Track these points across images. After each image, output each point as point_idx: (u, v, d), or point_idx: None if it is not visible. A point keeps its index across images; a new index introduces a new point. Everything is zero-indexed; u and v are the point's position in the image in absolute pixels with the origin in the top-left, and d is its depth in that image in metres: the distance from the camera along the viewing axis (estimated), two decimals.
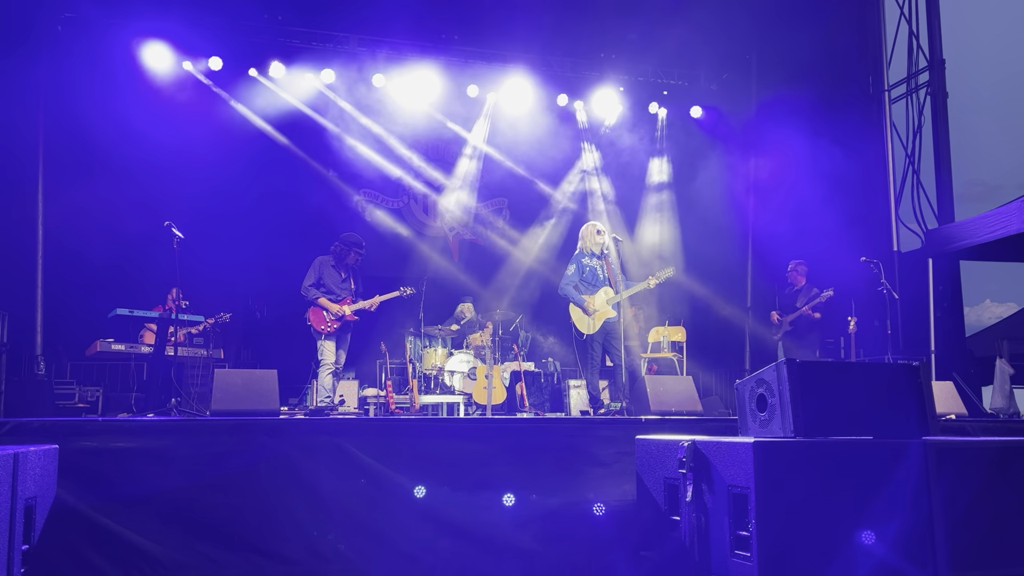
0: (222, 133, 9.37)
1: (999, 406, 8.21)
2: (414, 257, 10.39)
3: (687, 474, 3.49)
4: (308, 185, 9.90)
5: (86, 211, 8.66)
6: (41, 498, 3.51)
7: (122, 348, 7.38)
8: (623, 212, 10.91)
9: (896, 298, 8.17)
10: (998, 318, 20.35)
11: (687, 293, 10.15)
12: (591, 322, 6.93)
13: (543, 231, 10.86)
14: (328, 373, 7.21)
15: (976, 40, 34.78)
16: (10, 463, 3.08)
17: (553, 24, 9.49)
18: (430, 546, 4.30)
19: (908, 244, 9.68)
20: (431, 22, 9.65)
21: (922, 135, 9.55)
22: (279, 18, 9.41)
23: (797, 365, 3.45)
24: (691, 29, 9.49)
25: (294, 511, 4.27)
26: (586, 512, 4.40)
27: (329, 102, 9.86)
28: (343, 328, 7.36)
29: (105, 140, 8.59)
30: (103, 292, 8.43)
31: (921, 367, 3.62)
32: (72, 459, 4.01)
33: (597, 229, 7.11)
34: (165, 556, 4.04)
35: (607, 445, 4.75)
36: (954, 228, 8.71)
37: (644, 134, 10.88)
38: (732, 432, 4.63)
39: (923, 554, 3.31)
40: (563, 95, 10.42)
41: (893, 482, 3.32)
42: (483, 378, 8.37)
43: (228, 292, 9.31)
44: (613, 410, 6.89)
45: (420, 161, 10.84)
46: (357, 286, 7.46)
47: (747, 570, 3.16)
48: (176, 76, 9.07)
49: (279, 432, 4.45)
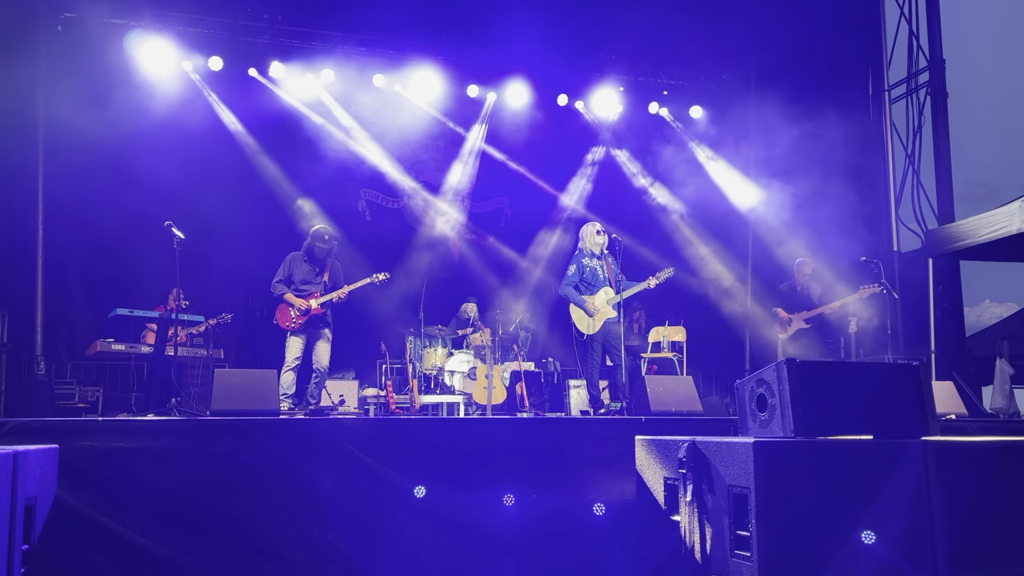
0: (222, 133, 9.38)
1: (999, 406, 8.21)
2: (414, 257, 10.38)
3: (687, 474, 3.49)
4: (308, 185, 9.90)
5: (86, 211, 8.65)
6: (41, 498, 3.51)
7: (122, 348, 7.38)
8: (623, 212, 10.90)
9: (896, 298, 8.15)
10: (998, 318, 20.36)
11: (687, 293, 10.14)
12: (591, 322, 6.95)
13: (543, 231, 10.85)
14: (289, 370, 6.93)
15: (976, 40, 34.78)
16: (10, 463, 3.08)
17: (553, 24, 9.48)
18: (430, 546, 4.30)
19: (908, 244, 9.69)
20: (431, 22, 9.64)
21: (922, 135, 9.56)
22: (279, 18, 9.41)
23: (797, 365, 3.45)
24: (691, 29, 9.50)
25: (294, 511, 4.27)
26: (586, 512, 4.40)
27: (329, 102, 9.85)
28: (313, 324, 7.07)
29: (105, 140, 8.59)
30: (103, 292, 8.44)
31: (921, 367, 3.62)
32: (72, 459, 4.01)
33: (597, 230, 7.12)
34: (165, 556, 4.04)
35: (607, 445, 4.75)
36: (954, 228, 8.70)
37: (644, 134, 10.88)
38: (732, 432, 4.64)
39: (923, 554, 3.31)
40: (563, 95, 10.43)
41: (893, 482, 3.32)
42: (483, 378, 8.37)
43: (228, 292, 9.32)
44: (613, 410, 6.89)
45: (420, 161, 10.85)
46: (330, 280, 7.21)
47: (747, 570, 3.16)
48: (176, 76, 9.06)
49: (279, 432, 4.45)
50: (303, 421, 4.80)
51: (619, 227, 7.53)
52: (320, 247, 7.16)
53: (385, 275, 7.59)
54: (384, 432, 4.60)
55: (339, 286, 7.23)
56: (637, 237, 9.93)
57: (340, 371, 8.84)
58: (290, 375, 6.96)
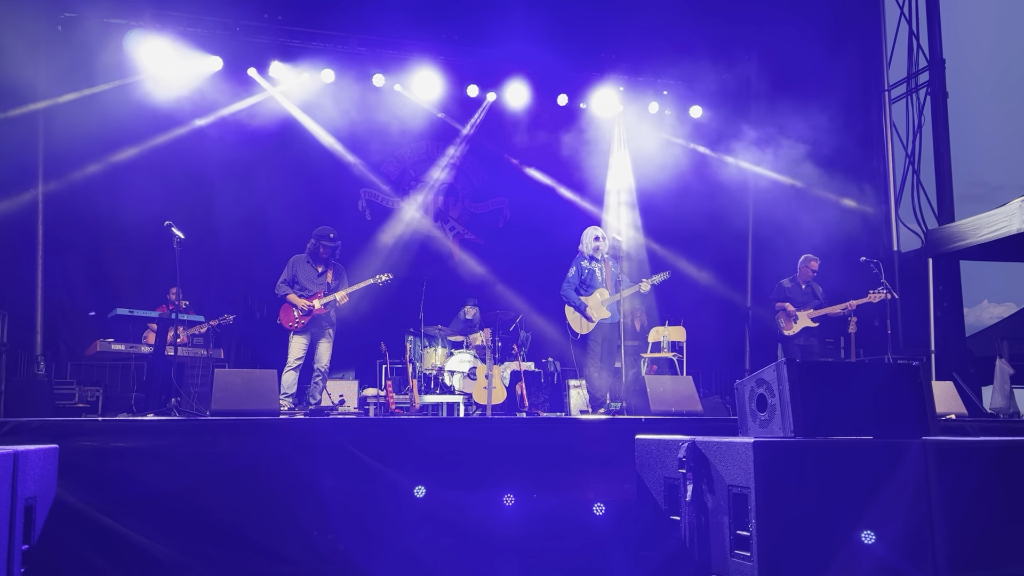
0: (222, 133, 9.37)
1: (999, 406, 8.20)
2: (414, 257, 10.38)
3: (687, 474, 3.49)
4: (309, 185, 9.90)
5: (86, 211, 8.68)
6: (41, 498, 3.51)
7: (122, 348, 7.38)
8: (624, 211, 10.91)
9: (896, 298, 8.14)
10: (997, 318, 20.36)
11: (687, 293, 10.14)
12: (584, 322, 7.06)
13: (543, 231, 10.85)
14: (291, 370, 6.97)
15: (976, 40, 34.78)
16: (10, 463, 3.08)
17: (553, 24, 9.49)
18: (430, 546, 4.29)
19: (908, 244, 9.68)
20: (431, 22, 9.65)
21: (922, 135, 9.56)
22: (279, 18, 9.41)
23: (797, 365, 3.45)
24: (691, 29, 9.50)
25: (294, 511, 4.27)
26: (586, 512, 4.39)
27: (329, 102, 9.84)
28: (316, 323, 7.10)
29: (105, 140, 8.60)
30: (103, 292, 8.44)
31: (921, 367, 3.62)
32: (72, 459, 4.01)
33: (596, 236, 7.24)
34: (165, 556, 4.04)
35: (607, 445, 4.75)
36: (954, 228, 8.71)
37: (644, 133, 10.87)
38: (732, 432, 4.64)
39: (923, 554, 3.31)
40: (563, 95, 10.43)
41: (893, 482, 3.32)
42: (483, 378, 8.37)
43: (228, 292, 9.33)
44: (613, 410, 6.90)
45: (420, 161, 10.85)
46: (334, 280, 7.23)
47: (747, 570, 3.16)
48: (175, 76, 9.05)
49: (279, 432, 4.45)
50: (303, 421, 4.79)
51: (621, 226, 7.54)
52: (324, 247, 7.18)
53: (388, 276, 7.60)
54: (384, 432, 4.59)
55: (342, 286, 7.25)
56: (638, 236, 9.94)
57: (340, 371, 8.84)
58: (292, 375, 6.98)
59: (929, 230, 9.23)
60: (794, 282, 8.25)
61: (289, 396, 6.87)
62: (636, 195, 11.01)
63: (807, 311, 8.07)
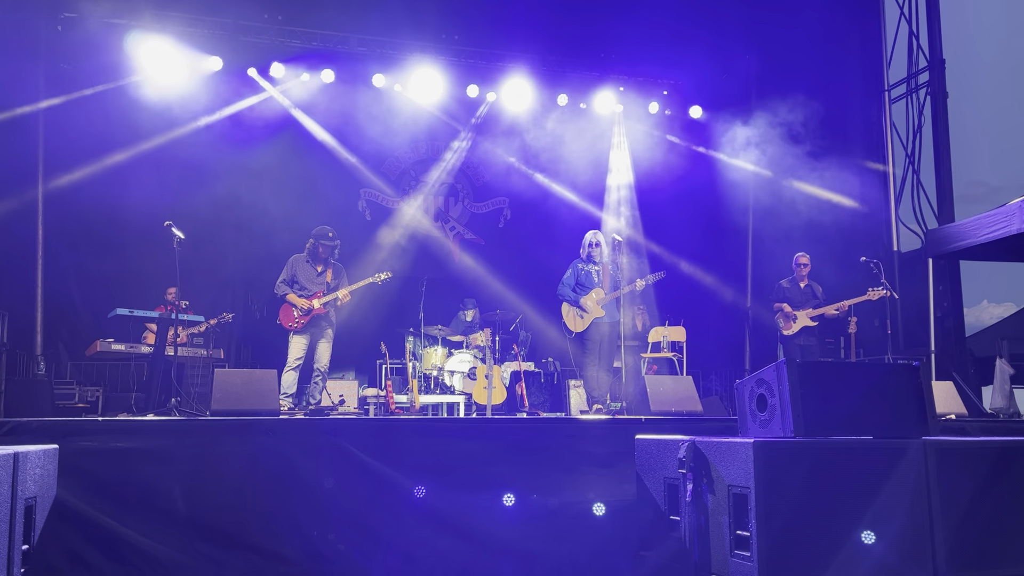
0: (222, 133, 9.38)
1: (999, 406, 8.19)
2: (414, 257, 10.38)
3: (687, 474, 3.49)
4: (308, 185, 9.90)
5: (86, 211, 8.67)
6: (41, 498, 3.51)
7: (122, 348, 7.38)
8: (623, 211, 10.90)
9: (896, 298, 8.14)
10: (997, 318, 20.34)
11: (687, 293, 10.14)
12: (579, 321, 7.15)
13: (543, 231, 10.86)
14: (291, 370, 6.95)
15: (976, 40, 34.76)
16: (10, 463, 3.08)
17: (553, 24, 9.49)
18: (430, 546, 4.30)
19: (908, 244, 9.68)
20: (431, 22, 9.65)
21: (922, 135, 9.54)
22: (279, 18, 9.41)
23: (797, 365, 3.45)
24: (691, 29, 9.49)
25: (294, 511, 4.27)
26: (586, 512, 4.40)
27: (329, 102, 9.84)
28: (315, 323, 7.08)
29: (105, 140, 8.60)
30: (103, 292, 8.44)
31: (921, 367, 3.62)
32: (72, 459, 4.02)
33: (593, 241, 7.30)
34: (165, 556, 4.04)
35: (607, 445, 4.75)
36: (954, 228, 8.62)
37: (644, 133, 10.87)
38: (732, 432, 4.64)
39: (923, 554, 3.31)
40: (563, 95, 10.42)
41: (893, 482, 3.32)
42: (483, 378, 8.37)
43: (228, 292, 9.33)
44: (613, 410, 6.90)
45: (420, 161, 10.85)
46: (333, 280, 7.22)
47: (747, 570, 3.16)
48: (176, 76, 9.06)
49: (279, 432, 4.45)
50: (303, 421, 4.79)
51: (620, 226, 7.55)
52: (323, 246, 7.18)
53: (387, 275, 7.59)
54: (384, 432, 4.59)
55: (341, 286, 7.25)
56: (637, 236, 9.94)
57: (340, 371, 8.84)
58: (292, 375, 6.97)
59: (929, 230, 9.22)
60: (792, 282, 8.26)
61: (289, 396, 6.86)
62: (636, 195, 11.02)
63: (805, 311, 8.06)
